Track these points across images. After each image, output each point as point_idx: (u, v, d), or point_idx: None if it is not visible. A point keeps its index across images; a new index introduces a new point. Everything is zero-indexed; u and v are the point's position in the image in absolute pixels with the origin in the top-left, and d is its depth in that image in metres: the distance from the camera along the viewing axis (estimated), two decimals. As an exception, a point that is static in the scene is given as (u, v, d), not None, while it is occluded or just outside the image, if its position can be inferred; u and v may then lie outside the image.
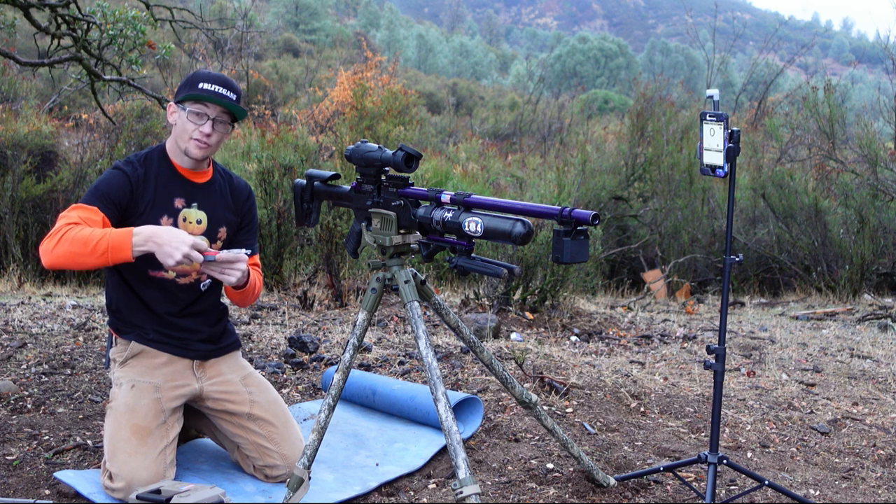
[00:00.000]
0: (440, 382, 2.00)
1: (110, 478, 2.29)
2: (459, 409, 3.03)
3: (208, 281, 2.57)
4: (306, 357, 3.99)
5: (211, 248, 2.52)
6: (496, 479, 2.59)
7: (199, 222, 2.50)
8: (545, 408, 3.25)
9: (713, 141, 2.34)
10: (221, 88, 2.41)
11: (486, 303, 5.41)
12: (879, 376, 4.17)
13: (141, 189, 2.41)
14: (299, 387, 3.54)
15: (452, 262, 2.02)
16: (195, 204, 2.50)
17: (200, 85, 2.40)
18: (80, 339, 4.15)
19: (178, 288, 2.51)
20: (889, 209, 8.10)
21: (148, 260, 2.29)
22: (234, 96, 2.44)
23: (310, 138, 8.62)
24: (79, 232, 2.17)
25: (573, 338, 4.99)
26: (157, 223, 2.41)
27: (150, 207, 2.42)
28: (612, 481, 2.54)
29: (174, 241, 2.17)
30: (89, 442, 2.76)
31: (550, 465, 2.70)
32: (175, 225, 2.46)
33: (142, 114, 10.01)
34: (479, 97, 29.33)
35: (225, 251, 2.33)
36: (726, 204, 4.15)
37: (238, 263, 2.33)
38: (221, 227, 2.56)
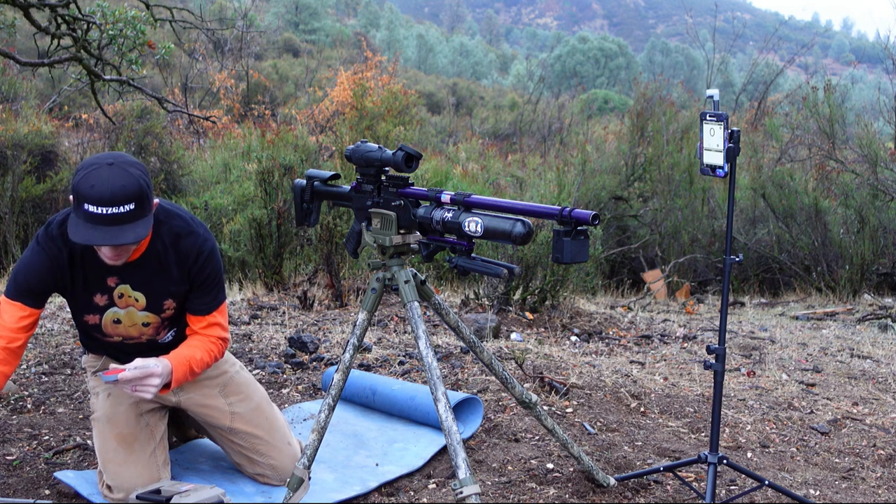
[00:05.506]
0: (440, 382, 2.00)
1: (109, 489, 2.31)
2: (459, 409, 3.03)
3: (170, 335, 2.37)
4: (306, 357, 3.99)
5: (161, 314, 2.30)
6: (496, 479, 2.59)
7: (137, 300, 2.26)
8: (545, 408, 3.25)
9: (713, 141, 2.33)
10: (110, 209, 1.93)
11: (486, 303, 5.41)
12: (879, 376, 4.17)
13: (65, 272, 2.16)
14: (299, 387, 3.54)
15: (452, 262, 2.02)
16: (128, 284, 2.23)
17: (86, 207, 1.93)
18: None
19: (131, 349, 2.34)
20: (889, 209, 8.09)
21: (90, 328, 2.28)
22: (129, 207, 1.95)
23: (310, 138, 8.64)
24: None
25: (573, 338, 4.99)
26: (91, 302, 2.23)
27: (82, 287, 2.21)
28: (612, 481, 2.54)
29: None
30: (89, 442, 2.76)
31: (550, 465, 2.70)
32: (111, 301, 2.24)
33: (142, 114, 10.03)
34: (479, 97, 29.30)
35: (130, 369, 2.04)
36: (726, 204, 4.15)
37: (149, 379, 2.05)
38: (165, 300, 2.28)
